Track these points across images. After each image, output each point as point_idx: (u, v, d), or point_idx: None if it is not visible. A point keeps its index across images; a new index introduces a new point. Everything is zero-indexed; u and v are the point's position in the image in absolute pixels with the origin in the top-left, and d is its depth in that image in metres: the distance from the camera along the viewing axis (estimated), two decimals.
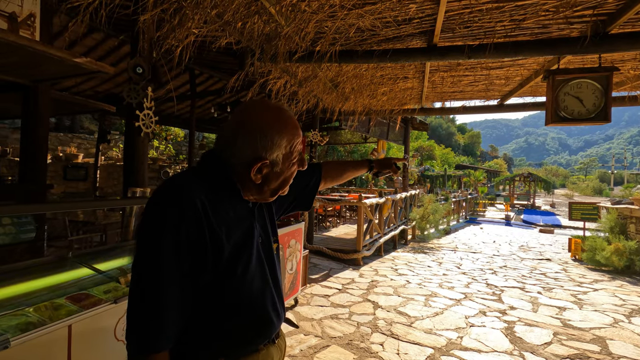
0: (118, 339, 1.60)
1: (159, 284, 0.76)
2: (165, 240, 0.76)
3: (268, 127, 0.86)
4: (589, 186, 55.75)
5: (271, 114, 0.88)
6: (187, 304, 0.81)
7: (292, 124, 0.90)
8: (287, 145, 0.88)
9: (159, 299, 0.76)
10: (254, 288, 0.91)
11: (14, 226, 2.16)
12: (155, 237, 0.77)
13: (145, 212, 0.81)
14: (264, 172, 0.88)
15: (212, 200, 0.83)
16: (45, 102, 3.14)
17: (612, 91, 3.09)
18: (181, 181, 0.83)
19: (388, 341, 3.18)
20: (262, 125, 0.85)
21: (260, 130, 0.85)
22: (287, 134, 0.88)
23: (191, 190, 0.81)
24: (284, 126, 0.88)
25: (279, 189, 0.93)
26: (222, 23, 2.65)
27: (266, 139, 0.85)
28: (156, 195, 0.81)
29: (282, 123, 0.88)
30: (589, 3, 2.42)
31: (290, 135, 0.88)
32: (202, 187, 0.84)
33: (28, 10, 2.27)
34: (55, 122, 13.54)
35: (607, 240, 6.62)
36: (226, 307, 0.87)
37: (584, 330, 3.58)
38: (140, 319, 0.76)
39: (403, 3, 2.52)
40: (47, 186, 3.32)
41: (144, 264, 0.77)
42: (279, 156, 0.88)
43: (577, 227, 12.36)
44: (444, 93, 5.19)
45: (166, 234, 0.76)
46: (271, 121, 0.87)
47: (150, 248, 0.77)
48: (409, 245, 8.56)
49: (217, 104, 7.18)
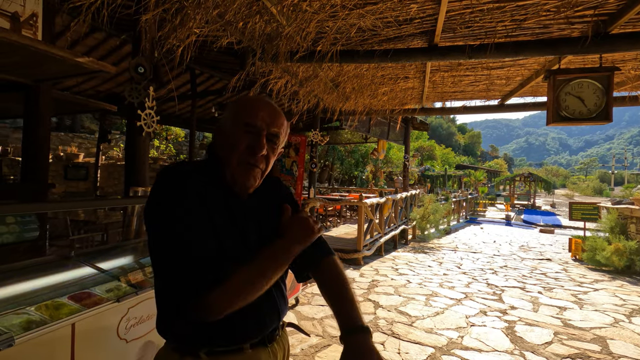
0: (121, 338, 1.60)
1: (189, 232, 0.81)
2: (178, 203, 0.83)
3: (235, 103, 0.99)
4: (590, 186, 55.74)
5: (246, 97, 1.02)
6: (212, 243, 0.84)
7: (256, 101, 0.98)
8: (242, 112, 0.95)
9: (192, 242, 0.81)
10: None
11: (17, 225, 2.17)
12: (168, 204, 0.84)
13: (154, 188, 0.88)
14: (217, 138, 0.98)
15: (204, 183, 0.90)
16: (46, 101, 3.15)
17: (613, 91, 3.10)
18: (179, 164, 0.93)
19: (389, 340, 3.19)
20: (232, 104, 1.00)
21: (229, 107, 1.00)
22: (247, 105, 0.97)
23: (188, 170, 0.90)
24: (246, 101, 0.99)
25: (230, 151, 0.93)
26: (224, 23, 2.65)
27: (229, 111, 0.98)
28: (161, 175, 0.89)
29: (245, 99, 0.99)
30: (590, 3, 2.43)
31: (249, 106, 0.96)
32: (196, 171, 0.91)
33: (30, 10, 2.28)
34: (56, 121, 13.55)
35: (608, 241, 6.62)
36: None
37: (584, 330, 3.58)
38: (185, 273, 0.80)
39: (404, 3, 2.52)
40: (48, 185, 3.33)
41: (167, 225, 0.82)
42: (227, 117, 0.98)
43: (577, 227, 12.35)
44: (445, 93, 5.19)
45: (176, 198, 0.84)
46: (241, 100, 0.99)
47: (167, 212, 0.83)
48: (410, 245, 8.56)
49: (217, 103, 7.18)
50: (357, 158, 17.77)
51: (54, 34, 3.06)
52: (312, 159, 7.19)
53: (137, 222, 2.57)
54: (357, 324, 0.82)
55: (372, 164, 18.41)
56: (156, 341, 1.78)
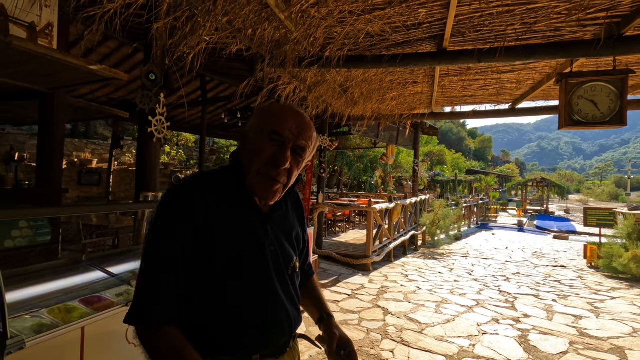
0: (129, 342, 1.61)
1: (159, 265, 0.83)
2: (171, 225, 0.84)
3: (263, 111, 0.95)
4: (605, 191, 54.42)
5: (274, 105, 0.97)
6: (181, 286, 0.85)
7: (284, 110, 0.94)
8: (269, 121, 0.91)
9: (158, 277, 0.83)
10: (252, 296, 0.89)
11: (31, 229, 2.21)
12: (162, 223, 0.85)
13: (158, 204, 0.90)
14: (242, 147, 0.96)
15: (212, 199, 0.89)
16: (61, 108, 3.22)
17: (628, 94, 3.03)
18: (185, 179, 0.91)
19: (398, 348, 3.14)
20: (259, 111, 0.97)
21: (256, 114, 0.96)
22: (274, 114, 0.93)
23: (190, 187, 0.88)
24: (275, 109, 0.95)
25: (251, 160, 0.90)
26: (233, 30, 2.69)
27: (255, 118, 0.95)
28: (166, 190, 0.91)
29: (274, 107, 0.96)
30: (602, 5, 2.39)
31: (276, 116, 0.92)
32: (205, 186, 0.90)
33: (46, 19, 2.34)
34: (70, 128, 13.87)
35: (625, 247, 6.44)
36: (219, 309, 0.87)
37: (601, 340, 3.47)
38: (141, 292, 0.84)
39: (412, 8, 2.52)
40: (62, 190, 3.39)
41: (148, 247, 0.85)
42: (251, 126, 0.94)
43: (592, 234, 12.06)
44: (454, 97, 5.15)
45: (172, 221, 0.85)
46: (270, 108, 0.96)
47: (156, 233, 0.85)
48: (419, 251, 8.46)
49: (227, 109, 7.26)
50: (366, 163, 17.71)
51: (68, 42, 3.15)
52: (320, 164, 7.19)
53: (148, 226, 2.60)
54: (328, 311, 1.13)
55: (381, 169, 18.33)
56: None
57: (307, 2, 2.41)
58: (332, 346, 1.01)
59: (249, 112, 6.30)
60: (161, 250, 0.84)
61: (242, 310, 0.88)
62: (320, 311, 1.13)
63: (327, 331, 1.06)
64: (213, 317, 0.87)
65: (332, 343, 1.02)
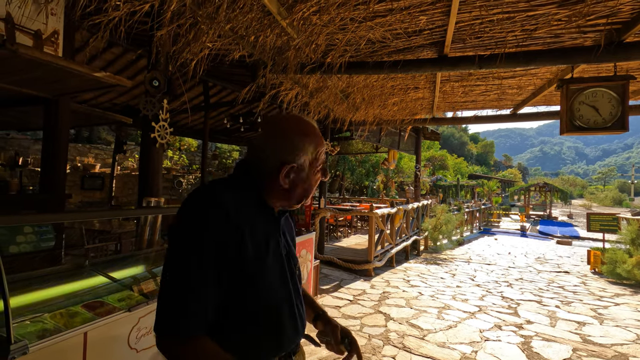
0: (131, 347, 1.62)
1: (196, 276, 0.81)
2: (206, 237, 0.82)
3: (296, 134, 0.94)
4: (608, 196, 54.14)
5: (299, 123, 0.97)
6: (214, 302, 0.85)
7: (317, 133, 0.98)
8: (313, 151, 0.96)
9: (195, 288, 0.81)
10: (274, 298, 0.92)
11: (35, 235, 2.23)
12: (197, 234, 0.83)
13: (185, 212, 0.86)
14: (292, 177, 0.94)
15: (240, 206, 0.89)
16: (65, 114, 3.26)
17: (629, 99, 3.04)
18: (215, 187, 0.91)
19: (400, 354, 3.13)
20: (291, 132, 0.94)
21: (290, 137, 0.93)
22: (313, 141, 0.96)
23: (224, 195, 0.88)
24: (310, 133, 0.96)
25: (303, 195, 0.98)
26: (236, 37, 2.72)
27: (294, 144, 0.93)
28: (194, 198, 0.88)
29: (308, 131, 0.96)
30: (602, 12, 2.41)
31: (315, 142, 0.96)
32: (232, 194, 0.90)
33: (52, 27, 2.38)
34: (74, 133, 13.97)
35: (629, 253, 6.40)
36: (245, 315, 0.88)
37: (605, 347, 3.44)
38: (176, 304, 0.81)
39: (413, 15, 2.54)
40: (65, 196, 3.42)
41: (182, 258, 0.82)
42: (306, 161, 0.95)
43: (596, 239, 11.99)
44: (456, 103, 5.17)
45: (206, 231, 0.82)
46: (299, 129, 0.95)
47: (190, 243, 0.82)
48: (422, 256, 8.43)
49: (229, 115, 7.31)
50: (368, 168, 17.72)
51: (73, 49, 3.19)
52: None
53: (150, 232, 2.61)
54: (321, 309, 1.19)
55: (383, 174, 18.32)
56: None
57: (309, 10, 2.44)
58: (337, 336, 1.08)
59: (251, 117, 6.34)
60: (204, 256, 0.82)
61: (266, 313, 0.91)
62: (314, 310, 1.17)
63: (328, 325, 1.12)
64: (238, 322, 0.88)
65: (336, 333, 1.09)
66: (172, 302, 0.81)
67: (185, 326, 0.80)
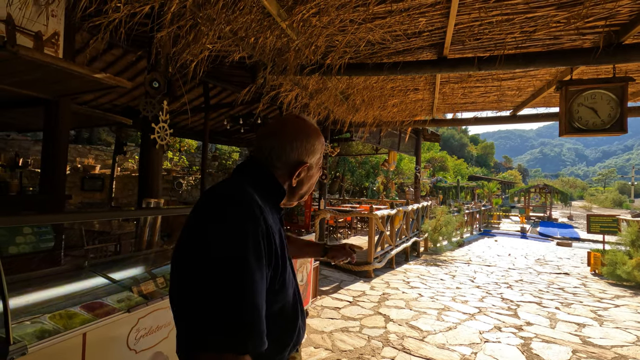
0: (130, 348, 1.62)
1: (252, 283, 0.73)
2: (250, 239, 0.76)
3: (311, 135, 0.97)
4: (608, 198, 54.11)
5: (309, 124, 1.00)
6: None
7: (320, 132, 1.02)
8: (320, 150, 1.00)
9: (255, 298, 0.73)
10: (290, 298, 0.94)
11: (35, 236, 2.23)
12: (241, 236, 0.75)
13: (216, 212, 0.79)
14: (301, 176, 0.97)
15: (264, 209, 0.86)
16: (65, 115, 3.26)
17: (628, 101, 3.04)
18: (238, 182, 0.88)
19: (399, 356, 3.12)
20: (307, 133, 0.97)
21: (307, 137, 0.96)
22: (320, 140, 1.00)
23: (252, 193, 0.85)
24: (319, 133, 1.00)
25: (305, 192, 1.02)
26: (235, 38, 2.73)
27: (310, 144, 0.96)
28: (224, 197, 0.82)
29: (317, 131, 1.00)
30: (601, 14, 2.41)
31: (321, 142, 1.00)
32: (255, 192, 0.88)
33: (53, 29, 2.39)
34: (74, 134, 13.99)
35: (629, 254, 6.39)
36: (275, 315, 0.89)
37: (605, 348, 3.44)
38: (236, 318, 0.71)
39: (413, 17, 2.55)
40: (65, 197, 3.42)
41: (232, 263, 0.73)
42: (315, 160, 0.99)
43: (596, 241, 11.99)
44: (455, 104, 5.17)
45: (249, 233, 0.76)
46: (312, 130, 0.98)
47: (237, 246, 0.74)
48: (421, 257, 8.43)
49: (229, 116, 7.31)
50: (368, 169, 17.72)
51: (74, 51, 3.19)
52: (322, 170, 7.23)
53: (150, 233, 2.61)
54: (325, 244, 1.42)
55: (383, 175, 18.32)
56: (165, 352, 1.78)
57: (309, 11, 2.45)
58: (347, 251, 1.39)
59: (251, 118, 6.35)
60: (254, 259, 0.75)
61: (285, 312, 0.92)
62: (320, 244, 1.42)
63: (336, 249, 1.40)
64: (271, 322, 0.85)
65: (344, 249, 1.39)
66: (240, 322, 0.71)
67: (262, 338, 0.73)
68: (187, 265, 0.77)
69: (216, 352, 0.68)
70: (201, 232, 0.77)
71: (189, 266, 0.76)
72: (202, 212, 0.81)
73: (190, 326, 0.73)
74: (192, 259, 0.76)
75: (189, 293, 0.74)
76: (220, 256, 0.73)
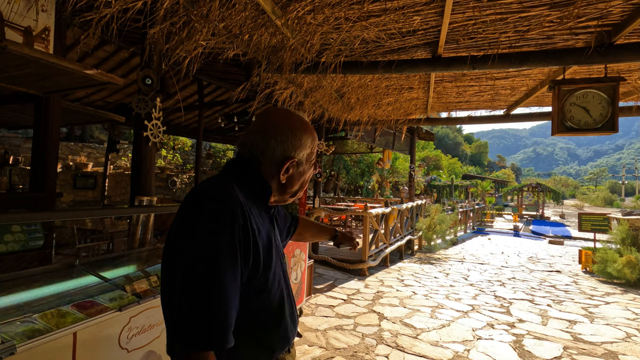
0: (122, 347, 1.60)
1: (221, 281, 0.75)
2: (224, 238, 0.76)
3: (296, 128, 0.94)
4: (599, 197, 54.85)
5: (296, 117, 0.96)
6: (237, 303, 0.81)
7: (312, 127, 0.99)
8: (310, 145, 0.96)
9: (222, 297, 0.75)
10: (277, 296, 0.92)
11: (24, 234, 2.19)
12: (214, 235, 0.76)
13: (194, 210, 0.80)
14: (290, 172, 0.94)
15: (248, 204, 0.87)
16: (56, 112, 3.22)
17: (619, 101, 3.08)
18: (225, 183, 0.87)
19: (393, 353, 3.14)
20: (291, 127, 0.93)
21: (291, 131, 0.93)
22: (311, 135, 0.96)
23: (236, 191, 0.85)
24: (308, 128, 0.96)
25: (298, 190, 0.99)
26: (230, 35, 2.71)
27: (296, 138, 0.93)
28: (204, 195, 0.82)
29: (306, 125, 0.97)
30: (593, 14, 2.43)
31: (312, 137, 0.97)
32: (241, 190, 0.87)
33: (43, 24, 2.35)
34: (66, 131, 13.81)
35: (619, 252, 6.49)
36: (254, 314, 0.87)
37: (595, 345, 3.49)
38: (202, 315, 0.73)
39: (407, 15, 2.55)
40: (56, 194, 3.37)
41: (202, 262, 0.75)
42: (304, 156, 0.95)
43: (587, 239, 12.14)
44: (450, 103, 5.19)
45: (224, 232, 0.77)
46: (298, 123, 0.95)
47: (208, 245, 0.76)
48: (416, 255, 8.47)
49: (224, 113, 7.27)
50: (362, 168, 17.76)
51: (65, 47, 3.15)
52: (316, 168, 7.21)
53: (142, 231, 2.59)
54: (335, 230, 1.52)
55: (378, 174, 18.37)
56: (157, 351, 1.77)
57: (303, 9, 2.44)
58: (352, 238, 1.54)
59: (246, 116, 6.31)
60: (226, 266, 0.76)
61: (268, 313, 0.91)
62: (331, 229, 1.50)
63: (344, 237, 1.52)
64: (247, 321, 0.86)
65: (352, 234, 1.56)
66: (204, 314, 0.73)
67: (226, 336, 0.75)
68: (165, 262, 0.81)
69: (184, 345, 0.73)
70: (178, 231, 0.80)
71: (166, 264, 0.81)
72: (181, 211, 0.83)
73: (166, 321, 0.78)
74: (168, 257, 0.80)
75: (165, 290, 0.80)
76: (192, 256, 0.76)
